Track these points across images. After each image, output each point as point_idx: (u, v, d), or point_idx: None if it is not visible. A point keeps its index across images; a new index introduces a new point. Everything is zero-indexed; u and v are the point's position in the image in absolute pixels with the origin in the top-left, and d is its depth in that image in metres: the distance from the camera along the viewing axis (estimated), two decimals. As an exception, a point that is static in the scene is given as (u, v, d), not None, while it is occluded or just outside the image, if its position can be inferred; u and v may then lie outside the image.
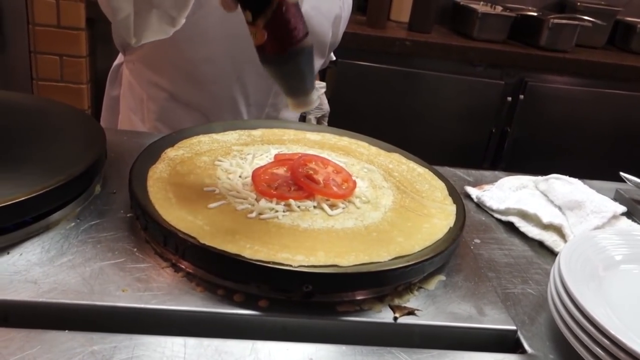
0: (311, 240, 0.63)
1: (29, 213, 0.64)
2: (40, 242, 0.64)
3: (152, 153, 0.77)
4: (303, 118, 1.40)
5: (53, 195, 0.65)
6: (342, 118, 1.24)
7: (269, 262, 0.58)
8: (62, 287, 0.57)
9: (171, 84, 1.08)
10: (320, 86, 1.39)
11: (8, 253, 0.61)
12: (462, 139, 2.44)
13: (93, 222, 0.69)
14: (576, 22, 2.41)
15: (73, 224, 0.68)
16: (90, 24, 2.13)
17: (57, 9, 2.07)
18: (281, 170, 0.75)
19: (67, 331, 0.52)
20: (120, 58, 1.19)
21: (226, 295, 0.60)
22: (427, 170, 0.86)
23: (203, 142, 0.83)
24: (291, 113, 1.21)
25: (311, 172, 0.73)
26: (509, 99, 2.36)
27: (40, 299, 0.56)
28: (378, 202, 0.74)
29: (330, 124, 1.38)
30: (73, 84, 2.22)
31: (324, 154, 0.84)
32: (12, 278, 0.58)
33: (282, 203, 0.69)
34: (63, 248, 0.63)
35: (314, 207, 0.70)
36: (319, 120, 1.44)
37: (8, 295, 0.55)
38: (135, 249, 0.65)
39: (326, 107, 1.43)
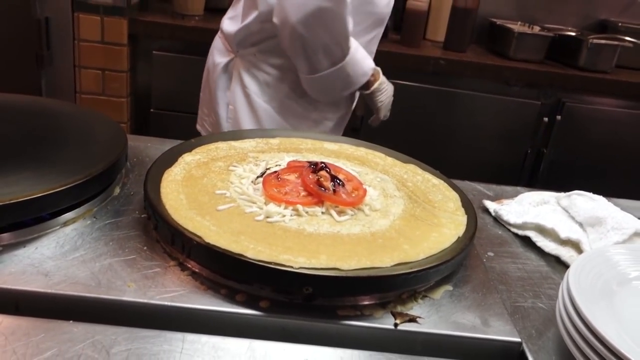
0: (315, 244, 0.63)
1: (46, 209, 0.67)
2: (56, 238, 0.67)
3: (170, 157, 0.79)
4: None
5: (69, 193, 0.68)
6: (376, 136, 1.24)
7: (270, 263, 0.59)
8: (71, 280, 0.59)
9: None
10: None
11: (25, 246, 0.64)
12: (497, 160, 2.40)
13: (108, 221, 0.71)
14: (616, 43, 2.35)
15: (89, 221, 0.71)
16: (131, 40, 2.21)
17: (101, 25, 2.16)
18: (292, 177, 0.76)
19: (71, 321, 0.54)
20: (222, 56, 1.32)
21: (229, 294, 0.61)
22: (442, 181, 0.85)
23: (220, 149, 0.85)
24: None
25: (321, 179, 0.74)
26: (546, 119, 2.32)
27: (49, 290, 0.58)
28: (387, 210, 0.74)
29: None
30: (114, 98, 2.30)
31: (339, 163, 0.85)
32: (25, 269, 0.60)
33: (290, 208, 0.70)
34: (77, 244, 0.66)
35: (322, 213, 0.71)
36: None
37: (19, 285, 0.58)
38: (145, 248, 0.67)
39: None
